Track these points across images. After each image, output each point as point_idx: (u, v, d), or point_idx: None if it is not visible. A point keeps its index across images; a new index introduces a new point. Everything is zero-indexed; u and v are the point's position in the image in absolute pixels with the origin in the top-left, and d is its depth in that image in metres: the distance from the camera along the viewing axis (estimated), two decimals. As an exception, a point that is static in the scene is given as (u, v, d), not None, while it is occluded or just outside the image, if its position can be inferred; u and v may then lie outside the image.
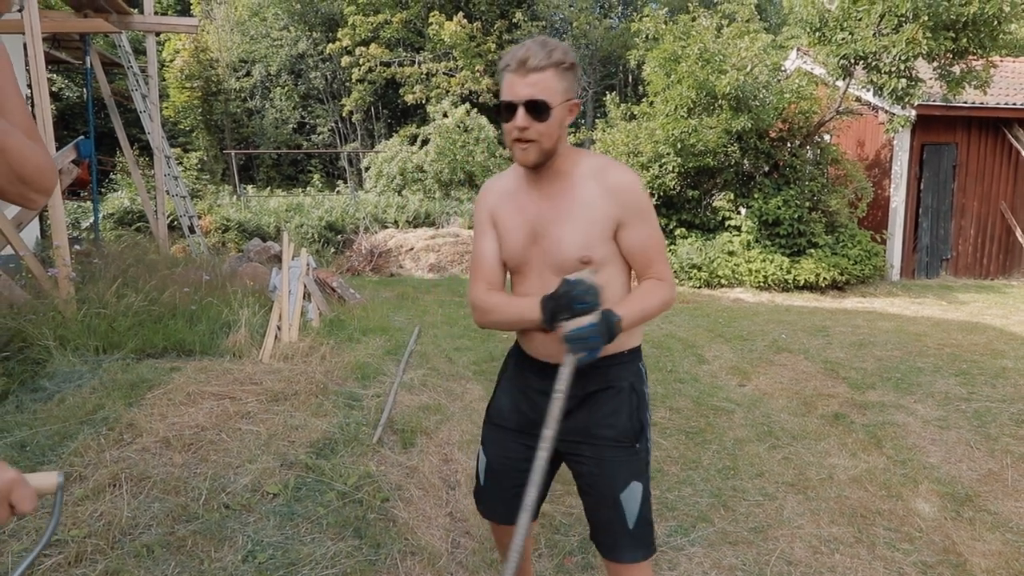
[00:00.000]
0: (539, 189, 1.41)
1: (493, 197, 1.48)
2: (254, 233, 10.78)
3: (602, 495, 1.43)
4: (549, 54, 1.28)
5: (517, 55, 1.29)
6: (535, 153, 1.33)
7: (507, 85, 1.31)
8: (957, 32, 6.68)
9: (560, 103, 1.31)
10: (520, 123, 1.29)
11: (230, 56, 18.29)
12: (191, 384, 3.14)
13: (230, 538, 1.98)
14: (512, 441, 1.52)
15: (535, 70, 1.28)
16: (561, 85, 1.31)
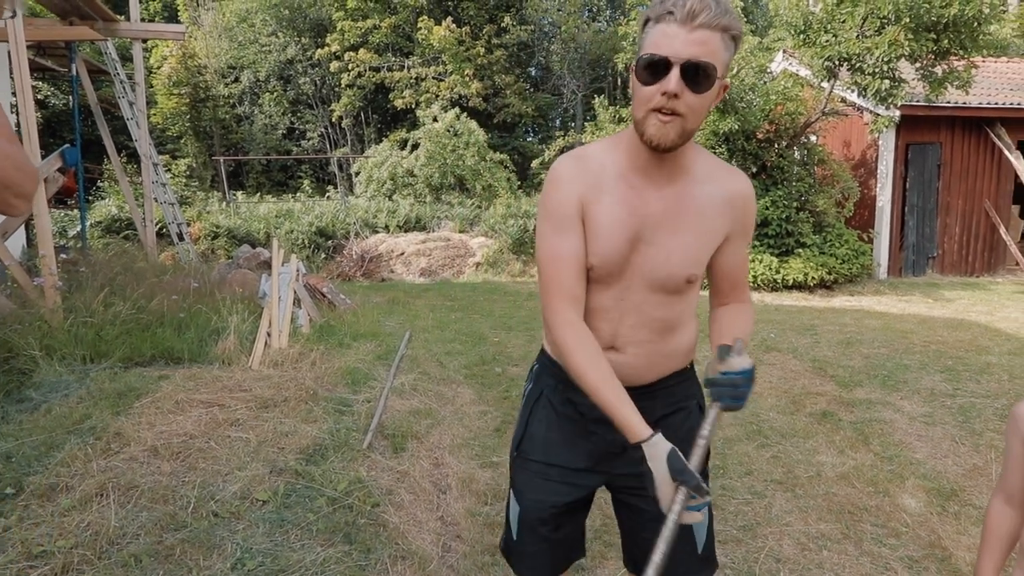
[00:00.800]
0: (653, 183, 1.12)
1: (585, 183, 1.13)
2: (244, 240, 10.74)
3: None
4: (725, 12, 1.00)
5: (686, 3, 0.98)
6: (676, 132, 1.04)
7: (661, 36, 1.00)
8: (938, 33, 6.78)
9: (720, 78, 1.04)
10: (673, 87, 0.99)
11: (218, 62, 18.22)
12: (179, 392, 3.13)
13: (219, 546, 1.98)
14: (562, 482, 1.27)
15: (706, 26, 0.99)
16: (725, 58, 1.03)
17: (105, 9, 6.98)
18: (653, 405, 1.23)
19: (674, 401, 1.27)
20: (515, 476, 1.32)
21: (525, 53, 18.69)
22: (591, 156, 1.16)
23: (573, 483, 1.27)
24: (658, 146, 1.06)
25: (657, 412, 1.24)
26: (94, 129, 9.43)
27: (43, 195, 4.37)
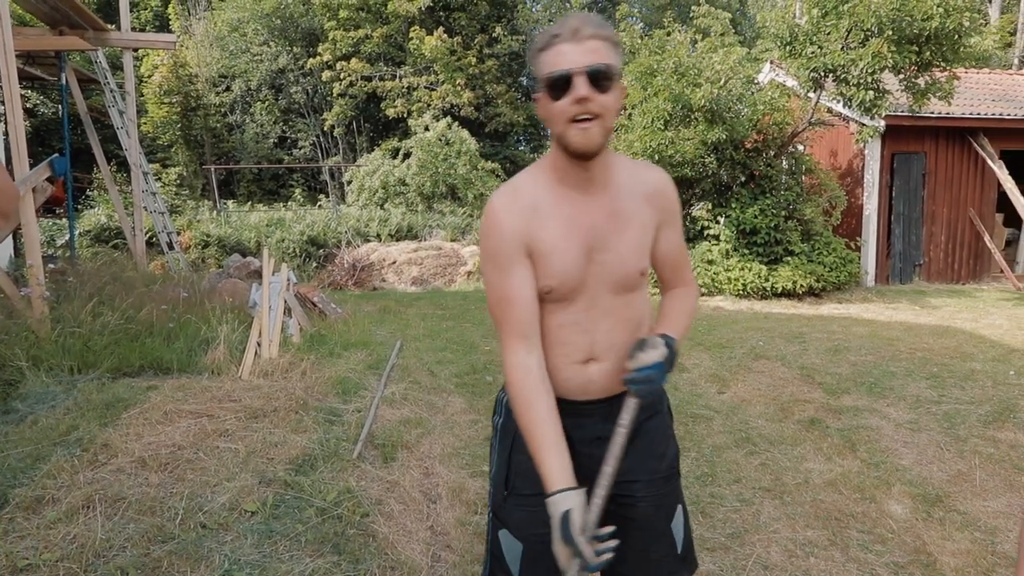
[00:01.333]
0: (588, 194, 1.17)
1: (521, 218, 1.16)
2: (234, 249, 10.70)
3: (657, 532, 1.27)
4: (602, 24, 1.10)
5: (567, 24, 1.09)
6: (599, 132, 1.09)
7: (557, 55, 1.08)
8: (920, 46, 6.91)
9: (617, 78, 1.11)
10: (583, 92, 1.06)
11: (209, 71, 18.20)
12: (168, 403, 3.12)
13: (207, 557, 1.97)
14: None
15: (593, 36, 1.08)
16: (617, 60, 1.11)
17: (95, 19, 6.98)
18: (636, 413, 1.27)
19: (649, 406, 1.30)
20: (509, 516, 1.25)
21: (516, 63, 18.81)
22: (522, 187, 1.19)
23: None
24: (586, 152, 1.11)
25: (639, 418, 1.25)
26: (83, 138, 9.39)
27: (31, 205, 4.35)
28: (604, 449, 1.20)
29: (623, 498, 1.26)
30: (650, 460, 1.27)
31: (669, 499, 1.29)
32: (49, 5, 6.35)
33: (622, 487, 1.24)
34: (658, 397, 1.33)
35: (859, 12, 6.83)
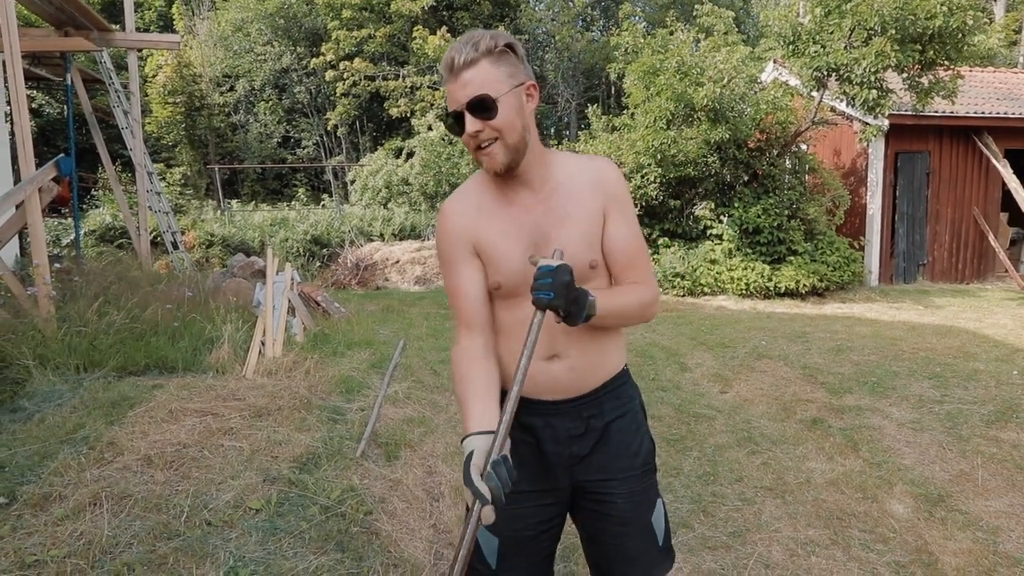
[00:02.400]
0: (528, 191, 1.23)
1: (466, 219, 1.24)
2: (238, 248, 10.73)
3: (637, 527, 1.30)
4: (475, 46, 1.14)
5: (446, 60, 1.15)
6: (502, 152, 1.15)
7: (448, 96, 1.17)
8: (924, 44, 6.90)
9: (507, 91, 1.14)
10: (470, 129, 1.14)
11: (213, 71, 18.26)
12: (173, 401, 3.14)
13: (212, 555, 1.99)
14: (527, 504, 1.28)
15: (465, 67, 1.13)
16: (501, 72, 1.14)
17: (100, 19, 7.01)
18: (602, 411, 1.29)
19: (619, 405, 1.32)
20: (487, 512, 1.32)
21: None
22: (470, 190, 1.28)
23: (542, 505, 1.30)
24: (498, 171, 1.18)
25: (607, 416, 1.29)
26: (88, 138, 9.43)
27: (37, 205, 4.38)
28: (579, 446, 1.26)
29: (600, 495, 1.29)
30: (623, 459, 1.29)
31: (647, 495, 1.31)
32: (55, 6, 6.39)
33: (597, 485, 1.28)
34: (628, 395, 1.34)
35: (862, 11, 6.82)
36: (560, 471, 1.29)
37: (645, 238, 8.75)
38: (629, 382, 1.35)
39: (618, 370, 1.31)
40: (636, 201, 8.63)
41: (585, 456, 1.27)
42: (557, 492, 1.31)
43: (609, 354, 1.29)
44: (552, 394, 1.26)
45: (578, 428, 1.26)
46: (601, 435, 1.28)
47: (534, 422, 1.27)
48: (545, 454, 1.28)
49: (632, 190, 8.59)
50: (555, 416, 1.26)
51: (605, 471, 1.27)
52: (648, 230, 8.90)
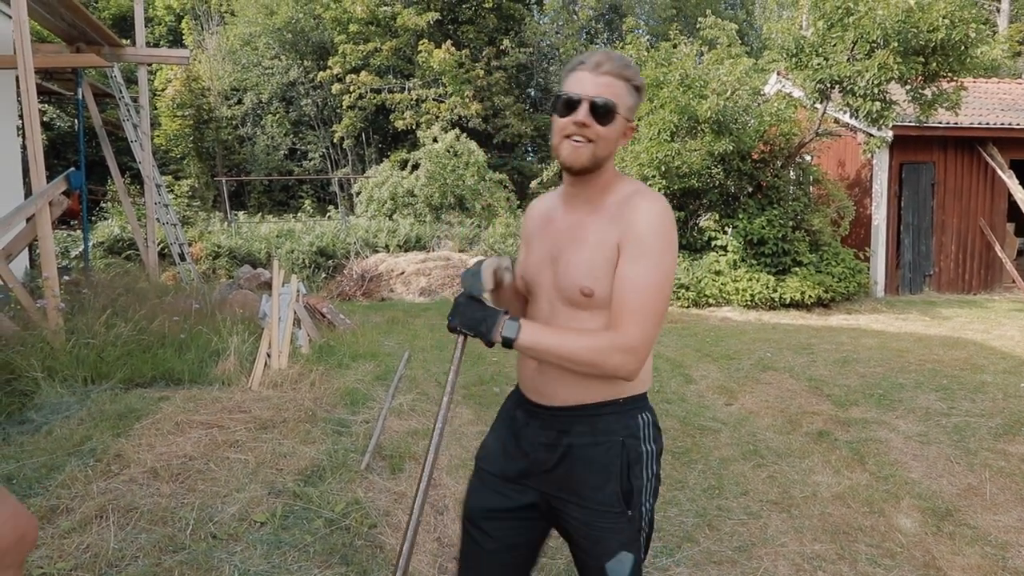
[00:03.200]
0: (572, 209, 1.30)
1: (533, 221, 1.41)
2: (245, 259, 10.81)
3: (587, 562, 1.28)
4: (626, 66, 1.23)
5: (593, 57, 1.23)
6: (588, 154, 1.21)
7: (574, 81, 1.22)
8: (927, 57, 6.92)
9: (622, 116, 1.23)
10: (581, 117, 1.19)
11: (222, 84, 18.49)
12: (179, 413, 3.16)
13: (217, 568, 1.99)
14: (493, 489, 1.32)
15: (609, 73, 1.21)
16: (628, 101, 1.24)
17: (111, 35, 7.14)
18: (570, 430, 1.26)
19: (592, 433, 1.25)
20: (471, 482, 1.40)
21: (524, 75, 18.96)
22: (541, 201, 1.43)
23: (503, 492, 1.31)
24: (571, 167, 1.24)
25: (573, 439, 1.25)
26: (98, 150, 9.55)
27: (48, 218, 4.44)
28: (546, 454, 1.28)
29: (560, 512, 1.29)
30: (582, 486, 1.25)
31: (608, 537, 1.24)
32: (67, 23, 6.51)
33: (557, 502, 1.28)
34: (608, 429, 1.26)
35: (864, 24, 6.86)
36: (526, 463, 1.31)
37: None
38: (616, 416, 1.26)
39: (604, 399, 1.25)
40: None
41: (549, 470, 1.28)
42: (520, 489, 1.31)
43: (589, 379, 1.24)
44: (536, 396, 1.31)
45: (548, 438, 1.28)
46: (564, 455, 1.26)
47: (519, 415, 1.35)
48: (519, 444, 1.32)
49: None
50: (533, 418, 1.31)
51: (563, 491, 1.27)
52: (652, 241, 8.89)
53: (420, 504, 1.17)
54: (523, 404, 1.33)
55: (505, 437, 1.35)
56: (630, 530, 1.25)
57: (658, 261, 1.17)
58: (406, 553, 1.15)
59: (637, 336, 1.15)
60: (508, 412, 1.38)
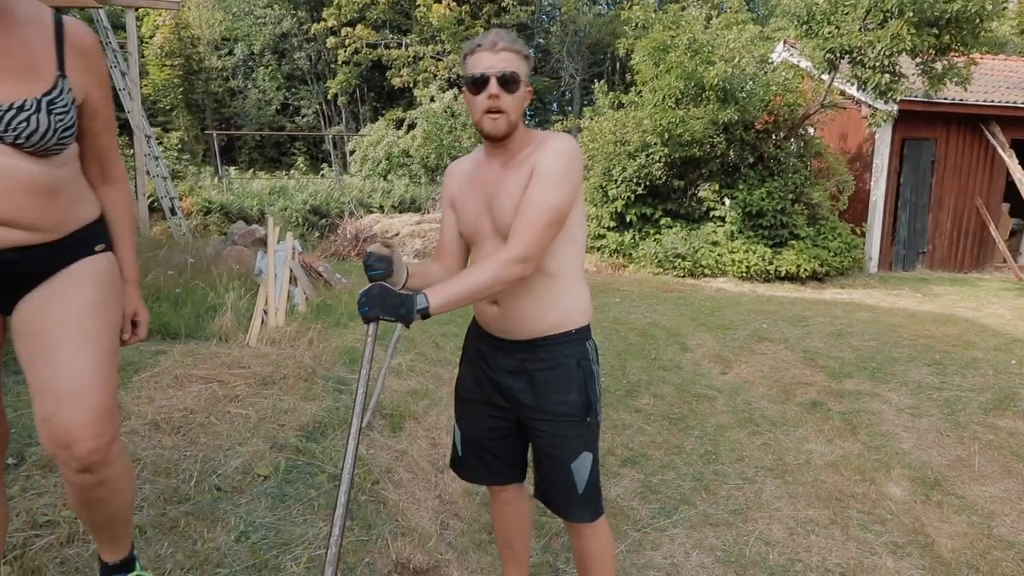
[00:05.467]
0: (496, 165, 1.50)
1: (454, 182, 1.60)
2: (237, 216, 10.65)
3: (556, 464, 1.55)
4: (514, 40, 1.43)
5: (487, 38, 1.41)
6: (504, 123, 1.41)
7: (477, 61, 1.41)
8: (940, 29, 6.79)
9: (524, 82, 1.43)
10: (493, 91, 1.38)
11: (212, 33, 17.88)
12: (178, 367, 3.13)
13: (222, 519, 2.00)
14: (478, 413, 1.65)
15: (506, 49, 1.40)
16: (524, 68, 1.43)
17: (99, -25, 6.82)
18: (534, 358, 1.52)
19: (551, 358, 1.52)
20: (455, 409, 1.73)
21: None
22: (458, 164, 1.63)
23: (488, 414, 1.63)
24: (493, 136, 1.44)
25: (538, 364, 1.52)
26: (85, 99, 9.22)
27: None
28: (513, 381, 1.55)
29: (531, 428, 1.57)
30: (549, 403, 1.52)
31: (572, 441, 1.53)
32: (51, -41, 6.19)
33: (528, 420, 1.56)
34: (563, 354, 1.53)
35: (880, -8, 6.70)
36: (498, 394, 1.59)
37: (647, 217, 8.81)
38: (570, 344, 1.53)
39: (558, 331, 1.51)
40: (640, 180, 8.57)
41: (519, 392, 1.55)
42: (499, 408, 1.60)
43: (544, 314, 1.50)
44: (494, 331, 1.56)
45: (512, 365, 1.55)
46: (530, 380, 1.53)
47: (483, 348, 1.61)
48: (487, 374, 1.60)
49: (636, 169, 8.52)
50: (497, 350, 1.57)
51: (532, 410, 1.54)
52: (651, 210, 8.85)
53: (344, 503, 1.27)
54: (485, 338, 1.59)
55: (476, 370, 1.63)
56: (589, 434, 1.55)
57: (555, 185, 1.39)
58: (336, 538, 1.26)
59: (525, 246, 1.37)
60: (473, 346, 1.65)
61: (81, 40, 1.28)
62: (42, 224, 1.24)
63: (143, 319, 1.47)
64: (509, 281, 1.38)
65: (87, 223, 1.34)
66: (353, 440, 1.32)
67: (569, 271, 1.50)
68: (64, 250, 1.29)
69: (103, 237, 1.39)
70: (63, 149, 1.26)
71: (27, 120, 1.18)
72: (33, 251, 1.24)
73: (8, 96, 1.16)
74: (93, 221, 1.37)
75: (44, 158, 1.23)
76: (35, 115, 1.18)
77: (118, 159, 1.44)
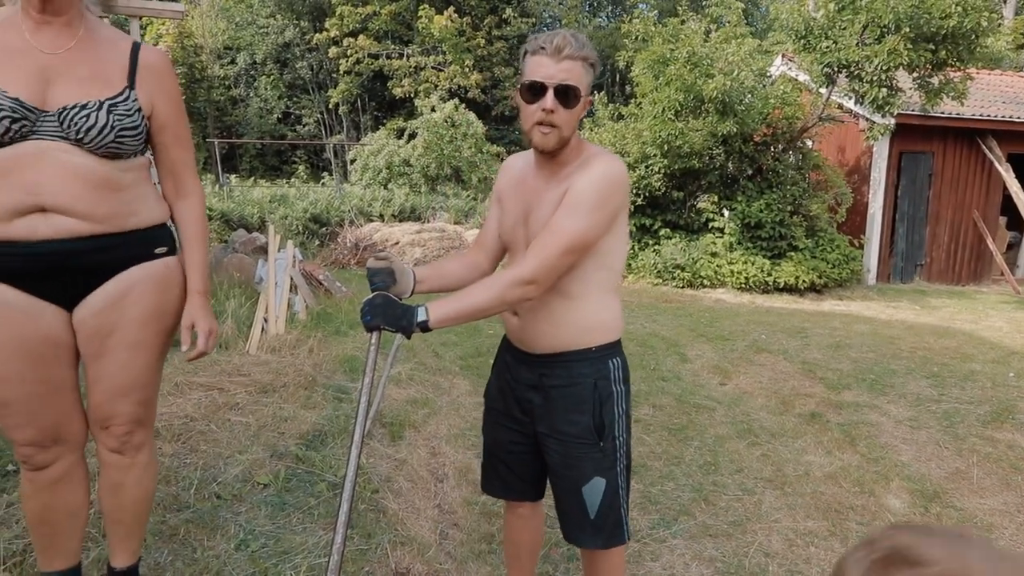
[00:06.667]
0: (541, 176, 1.44)
1: (505, 178, 1.55)
2: (238, 224, 10.66)
3: (566, 487, 1.50)
4: (582, 46, 1.31)
5: (553, 40, 1.30)
6: (555, 139, 1.33)
7: (536, 66, 1.30)
8: (937, 44, 6.87)
9: (583, 96, 1.34)
10: (549, 105, 1.29)
11: (215, 42, 18.02)
12: (178, 375, 3.14)
13: (222, 527, 2.00)
14: (499, 423, 1.61)
15: (570, 58, 1.29)
16: (587, 79, 1.33)
17: (104, -15, 6.88)
18: (551, 374, 1.47)
19: (567, 376, 1.46)
20: (483, 416, 1.70)
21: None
22: (515, 160, 1.56)
23: (507, 426, 1.59)
24: (542, 150, 1.37)
25: (553, 381, 1.47)
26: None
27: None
28: (532, 394, 1.50)
29: (544, 446, 1.53)
30: (561, 423, 1.47)
31: (583, 464, 1.46)
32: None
33: (540, 437, 1.52)
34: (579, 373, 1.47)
35: (877, 8, 6.78)
36: (517, 407, 1.55)
37: (646, 228, 8.85)
38: (588, 362, 1.46)
39: (575, 348, 1.45)
40: (639, 191, 8.62)
41: (536, 405, 1.50)
42: (517, 422, 1.56)
43: (563, 331, 1.44)
44: (516, 342, 1.53)
45: (531, 379, 1.50)
46: (544, 396, 1.48)
47: (508, 359, 1.58)
48: (510, 385, 1.57)
49: (636, 180, 8.57)
50: (520, 363, 1.53)
51: (546, 426, 1.50)
52: (650, 220, 8.89)
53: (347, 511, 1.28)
54: (511, 350, 1.56)
55: (501, 380, 1.61)
56: (603, 459, 1.46)
57: (584, 213, 1.32)
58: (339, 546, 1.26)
59: (534, 269, 1.32)
60: (501, 357, 1.62)
61: (152, 60, 1.44)
62: (95, 214, 1.33)
63: (203, 329, 1.49)
64: (513, 302, 1.35)
65: (148, 226, 1.43)
66: (355, 448, 1.33)
67: (596, 294, 1.43)
68: (121, 246, 1.39)
69: (165, 241, 1.48)
70: (123, 150, 1.37)
71: (86, 116, 1.31)
72: (90, 242, 1.34)
73: (75, 98, 1.31)
74: (155, 225, 1.45)
75: (105, 159, 1.34)
76: (95, 112, 1.32)
77: (192, 174, 1.54)
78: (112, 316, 1.39)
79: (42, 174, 1.28)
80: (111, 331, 1.40)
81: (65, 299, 1.37)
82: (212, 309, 1.56)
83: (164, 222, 1.49)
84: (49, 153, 1.29)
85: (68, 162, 1.30)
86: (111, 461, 1.50)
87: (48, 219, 1.29)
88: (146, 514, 1.60)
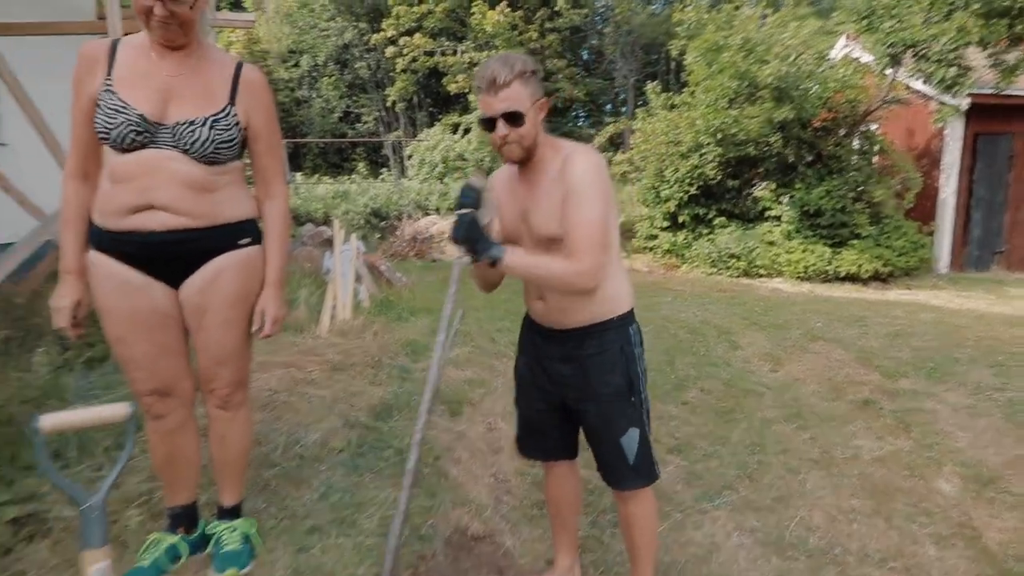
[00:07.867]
0: (527, 178, 1.66)
1: (498, 190, 1.76)
2: (304, 219, 11.27)
3: (606, 441, 1.73)
4: (511, 68, 1.51)
5: (485, 77, 1.52)
6: (518, 151, 1.57)
7: (483, 104, 1.55)
8: (1012, 18, 6.49)
9: (530, 107, 1.54)
10: (501, 133, 1.54)
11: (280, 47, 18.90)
12: (261, 354, 3.48)
13: (307, 481, 2.29)
14: (530, 395, 1.87)
15: (503, 86, 1.51)
16: (527, 91, 1.54)
17: (186, 0, 7.45)
18: (582, 346, 1.69)
19: (597, 345, 1.69)
20: (515, 393, 1.95)
21: (577, 37, 18.58)
22: (500, 173, 1.78)
23: (536, 396, 1.83)
24: (514, 162, 1.62)
25: (585, 351, 1.70)
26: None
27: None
28: (563, 367, 1.73)
29: (578, 411, 1.75)
30: (595, 385, 1.70)
31: (619, 418, 1.70)
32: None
33: (576, 402, 1.74)
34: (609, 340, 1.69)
35: (945, -17, 6.48)
36: (545, 378, 1.78)
37: (700, 217, 8.77)
38: (614, 330, 1.69)
39: (600, 320, 1.68)
40: (692, 180, 8.55)
41: (568, 377, 1.72)
42: (546, 392, 1.79)
43: (584, 307, 1.66)
44: (544, 323, 1.75)
45: (561, 354, 1.72)
46: (579, 365, 1.70)
47: (535, 339, 1.81)
48: (539, 361, 1.79)
49: (689, 169, 8.52)
50: (549, 340, 1.75)
51: (581, 392, 1.72)
52: (704, 210, 8.82)
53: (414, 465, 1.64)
54: (536, 329, 1.78)
55: (529, 358, 1.84)
56: (634, 412, 1.72)
57: (592, 204, 1.53)
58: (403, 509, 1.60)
59: (589, 262, 1.53)
60: (527, 337, 1.86)
61: (251, 78, 1.70)
62: (194, 212, 1.62)
63: (269, 315, 1.76)
64: (572, 288, 1.58)
65: (237, 220, 1.71)
66: (426, 404, 1.55)
67: (610, 271, 1.63)
68: (213, 236, 1.67)
69: (250, 233, 1.76)
70: (220, 158, 1.64)
71: (193, 131, 1.59)
72: (188, 234, 1.62)
73: (188, 115, 1.60)
74: (243, 220, 1.73)
75: (206, 165, 1.62)
76: (200, 128, 1.60)
77: (279, 179, 1.81)
78: (207, 296, 1.67)
79: (154, 179, 1.57)
80: (206, 310, 1.68)
81: (172, 279, 1.68)
82: (283, 298, 1.83)
83: (251, 217, 1.77)
84: (162, 162, 1.57)
85: (176, 170, 1.58)
86: (217, 416, 1.82)
87: (156, 216, 1.59)
88: (245, 461, 1.92)
